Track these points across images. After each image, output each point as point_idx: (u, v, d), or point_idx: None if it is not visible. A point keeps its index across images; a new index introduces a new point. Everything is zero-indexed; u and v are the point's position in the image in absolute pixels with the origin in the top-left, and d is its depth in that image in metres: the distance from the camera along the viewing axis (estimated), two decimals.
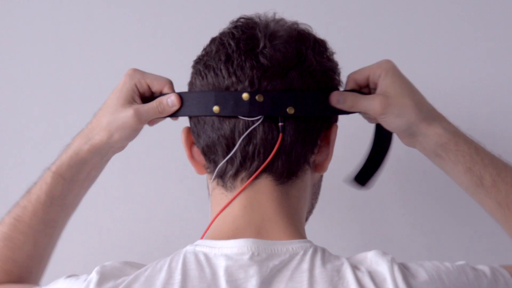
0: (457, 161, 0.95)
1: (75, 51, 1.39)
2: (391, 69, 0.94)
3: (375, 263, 0.85)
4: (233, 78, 0.86)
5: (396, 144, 1.01)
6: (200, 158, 0.93)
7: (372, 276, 0.82)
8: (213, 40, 0.92)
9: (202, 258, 0.83)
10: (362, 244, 1.38)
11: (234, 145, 0.87)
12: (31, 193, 1.02)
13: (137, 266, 0.87)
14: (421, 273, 0.85)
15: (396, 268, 0.83)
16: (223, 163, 0.88)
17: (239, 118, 0.86)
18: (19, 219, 1.02)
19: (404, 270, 0.84)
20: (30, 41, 1.40)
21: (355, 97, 0.92)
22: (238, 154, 0.87)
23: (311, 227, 0.97)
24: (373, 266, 0.84)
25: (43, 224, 1.02)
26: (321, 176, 1.00)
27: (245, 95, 0.86)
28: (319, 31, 0.94)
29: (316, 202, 1.00)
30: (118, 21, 1.39)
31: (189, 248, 0.86)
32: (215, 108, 0.87)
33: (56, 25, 1.39)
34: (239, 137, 0.86)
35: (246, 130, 0.86)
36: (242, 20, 0.92)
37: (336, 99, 0.91)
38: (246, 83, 0.86)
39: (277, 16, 0.92)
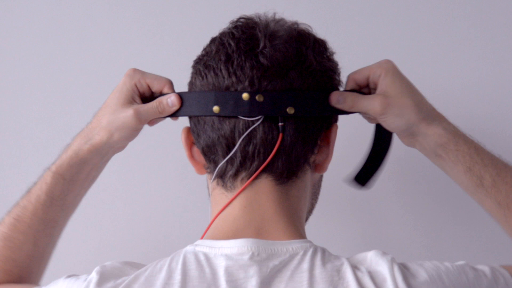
0: (457, 161, 0.95)
1: (75, 51, 1.39)
2: (391, 69, 0.94)
3: (375, 263, 0.85)
4: (233, 78, 0.86)
5: (396, 144, 1.01)
6: (200, 158, 0.93)
7: (372, 276, 0.82)
8: (213, 40, 0.92)
9: (202, 258, 0.83)
10: (362, 244, 1.37)
11: (234, 145, 0.87)
12: (31, 193, 1.02)
13: (137, 266, 0.88)
14: (421, 273, 0.85)
15: (396, 268, 0.83)
16: (223, 163, 0.88)
17: (239, 118, 0.86)
18: (19, 219, 1.02)
19: (404, 270, 0.84)
20: (30, 41, 1.39)
21: (355, 97, 0.92)
22: (238, 154, 0.87)
23: (311, 227, 0.97)
24: (373, 266, 0.84)
25: (43, 224, 1.02)
26: (321, 176, 1.00)
27: (245, 95, 0.85)
28: (319, 31, 0.94)
29: (316, 202, 1.00)
30: (118, 21, 1.39)
31: (189, 248, 0.86)
32: (215, 108, 0.87)
33: (56, 25, 1.39)
34: (239, 137, 0.86)
35: (246, 130, 0.86)
36: (242, 20, 0.91)
37: (336, 99, 0.91)
38: (246, 83, 0.86)
39: (277, 16, 0.92)
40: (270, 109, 0.86)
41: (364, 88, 0.96)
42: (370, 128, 1.02)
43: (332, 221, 1.36)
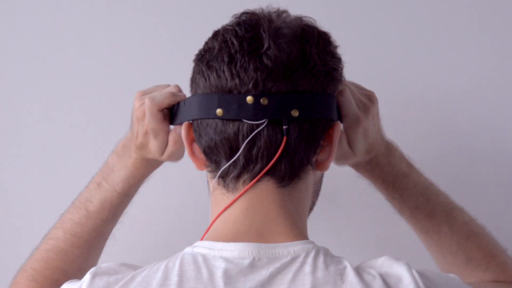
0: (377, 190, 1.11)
1: (75, 50, 1.37)
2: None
3: (387, 266, 0.85)
4: (237, 80, 0.84)
5: (400, 144, 1.00)
6: (201, 155, 0.91)
7: (384, 278, 0.82)
8: (215, 35, 0.90)
9: (200, 259, 0.83)
10: (366, 244, 1.35)
11: (237, 148, 0.85)
12: (91, 212, 1.07)
13: (133, 267, 0.88)
14: (434, 278, 0.85)
15: (414, 271, 0.83)
16: (227, 165, 0.87)
17: (243, 121, 0.85)
18: (76, 235, 1.07)
19: (421, 272, 0.84)
20: (30, 41, 1.37)
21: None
22: (241, 157, 0.86)
23: (313, 227, 0.96)
24: (385, 268, 0.84)
25: (99, 238, 1.10)
26: (322, 174, 0.99)
27: (249, 98, 0.84)
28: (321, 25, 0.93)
29: (317, 199, 1.00)
30: (117, 18, 1.37)
31: (187, 249, 0.85)
32: (218, 111, 0.85)
33: (56, 25, 1.37)
34: (243, 140, 0.85)
35: (251, 133, 0.85)
36: (245, 15, 0.90)
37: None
38: (250, 86, 0.84)
39: (281, 9, 0.90)
40: (275, 113, 0.84)
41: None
42: None
43: (335, 221, 1.34)
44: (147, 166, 1.06)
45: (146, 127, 0.98)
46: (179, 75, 0.97)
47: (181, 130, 0.93)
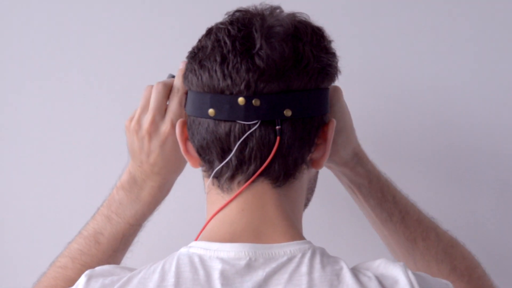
0: (369, 196, 1.07)
1: (74, 49, 1.36)
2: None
3: (383, 268, 0.85)
4: (228, 81, 0.84)
5: (398, 143, 1.00)
6: (195, 154, 0.91)
7: (380, 280, 0.82)
8: (208, 33, 0.90)
9: (196, 260, 0.83)
10: (362, 244, 1.35)
11: (229, 148, 0.85)
12: (101, 244, 1.05)
13: (127, 269, 0.88)
14: (429, 280, 0.85)
15: (410, 273, 0.83)
16: (219, 167, 0.87)
17: (235, 121, 0.85)
18: (85, 265, 1.05)
19: (416, 274, 0.84)
20: (30, 40, 1.37)
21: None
22: (234, 158, 0.85)
23: (310, 226, 0.96)
24: (381, 270, 0.84)
25: None
26: (317, 171, 0.99)
27: (241, 100, 0.84)
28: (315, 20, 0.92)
29: (312, 196, 1.00)
30: (117, 18, 1.36)
31: (183, 250, 0.85)
32: (210, 111, 0.85)
33: (56, 24, 1.37)
34: (235, 141, 0.85)
35: (243, 134, 0.84)
36: (238, 13, 0.89)
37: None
38: (242, 87, 0.84)
39: (274, 5, 0.90)
40: (267, 113, 0.84)
41: None
42: (370, 127, 1.01)
43: (331, 220, 1.34)
44: (163, 191, 1.05)
45: (167, 123, 0.98)
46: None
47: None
